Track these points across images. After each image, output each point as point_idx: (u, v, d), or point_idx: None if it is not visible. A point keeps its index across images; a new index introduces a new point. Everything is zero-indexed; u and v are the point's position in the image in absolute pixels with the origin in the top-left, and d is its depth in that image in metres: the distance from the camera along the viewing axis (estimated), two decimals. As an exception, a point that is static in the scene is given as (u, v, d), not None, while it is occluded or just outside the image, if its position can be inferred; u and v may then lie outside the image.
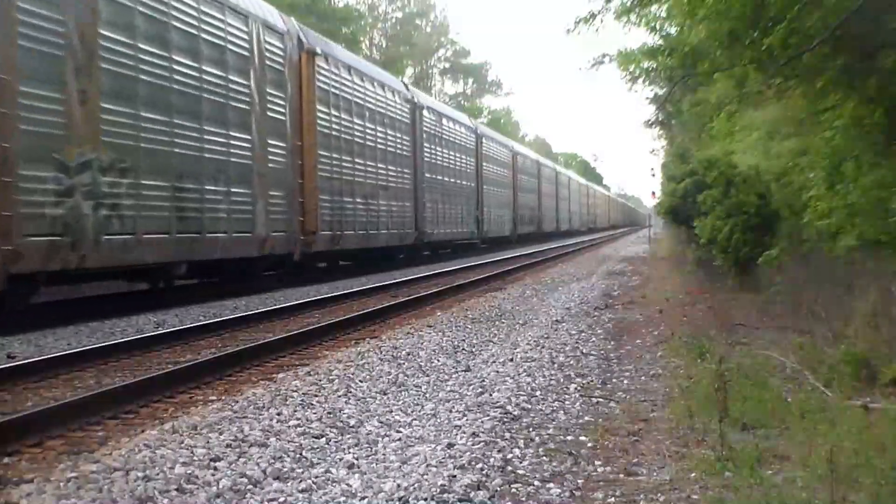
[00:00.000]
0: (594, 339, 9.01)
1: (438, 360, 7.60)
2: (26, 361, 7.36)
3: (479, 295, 14.52)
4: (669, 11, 9.98)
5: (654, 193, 37.13)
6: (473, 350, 8.25)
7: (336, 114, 17.97)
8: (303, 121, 16.28)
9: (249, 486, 4.00)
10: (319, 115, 16.96)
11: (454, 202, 28.29)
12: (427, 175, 25.03)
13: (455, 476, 4.07)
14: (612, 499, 3.90)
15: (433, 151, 25.94)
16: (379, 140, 20.76)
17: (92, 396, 5.90)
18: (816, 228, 8.39)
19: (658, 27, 11.24)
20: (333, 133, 17.81)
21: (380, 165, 20.72)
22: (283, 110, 15.45)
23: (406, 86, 25.16)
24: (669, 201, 20.23)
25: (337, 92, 18.10)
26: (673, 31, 10.76)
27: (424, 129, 24.99)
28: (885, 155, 7.15)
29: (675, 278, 16.68)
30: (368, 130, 19.99)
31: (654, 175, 40.05)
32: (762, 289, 11.13)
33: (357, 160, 19.13)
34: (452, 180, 28.22)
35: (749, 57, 7.33)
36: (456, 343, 8.64)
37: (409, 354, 7.89)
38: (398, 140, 22.37)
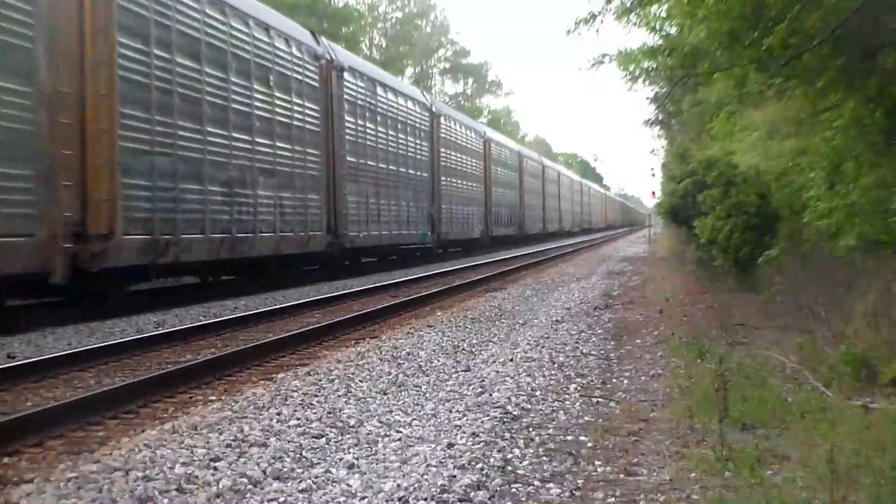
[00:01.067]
0: (594, 339, 9.01)
1: (438, 360, 7.60)
2: (26, 361, 7.37)
3: (479, 295, 14.53)
4: (669, 11, 9.97)
5: (654, 193, 37.18)
6: (473, 350, 8.25)
7: (161, 54, 11.77)
8: (84, 56, 10.30)
9: (249, 487, 4.00)
10: (122, 51, 10.91)
11: (396, 196, 22.25)
12: (350, 159, 18.96)
13: (455, 476, 4.08)
14: (612, 499, 3.90)
15: (361, 129, 19.72)
16: (257, 104, 14.55)
17: (92, 396, 5.91)
18: (816, 228, 8.38)
19: (658, 27, 11.22)
20: (156, 83, 11.63)
21: (260, 140, 14.61)
22: (24, 31, 9.30)
23: (315, 37, 18.09)
24: (669, 201, 20.23)
25: (167, 22, 11.89)
26: (673, 31, 10.75)
27: (346, 97, 18.82)
28: (885, 155, 7.15)
29: (675, 278, 16.69)
30: (235, 88, 13.81)
31: (654, 175, 40.02)
32: (762, 289, 11.13)
33: (211, 129, 13.03)
34: (393, 168, 22.13)
35: (749, 57, 7.32)
36: (456, 343, 8.64)
37: (409, 354, 7.89)
38: (295, 107, 16.16)
